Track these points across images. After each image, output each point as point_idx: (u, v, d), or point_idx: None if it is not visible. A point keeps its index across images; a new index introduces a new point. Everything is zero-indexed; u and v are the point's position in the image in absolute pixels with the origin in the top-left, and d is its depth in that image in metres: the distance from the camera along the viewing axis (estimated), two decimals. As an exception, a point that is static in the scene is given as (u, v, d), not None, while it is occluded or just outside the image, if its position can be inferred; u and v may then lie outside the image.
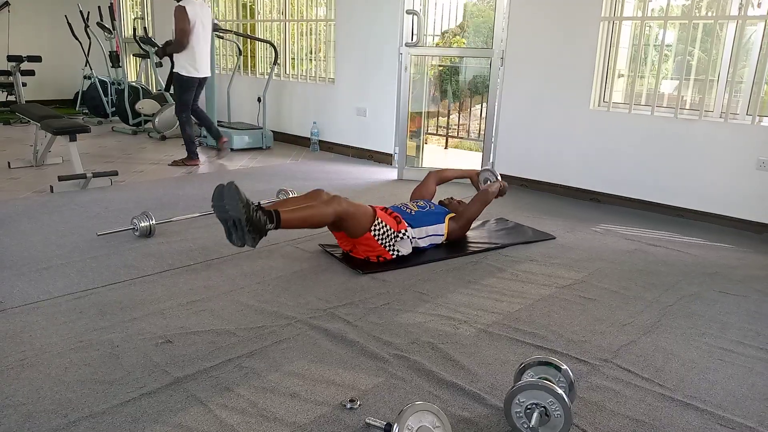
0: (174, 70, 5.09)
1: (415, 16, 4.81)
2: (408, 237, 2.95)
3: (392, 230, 2.88)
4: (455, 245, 3.19)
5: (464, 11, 5.67)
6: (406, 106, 4.98)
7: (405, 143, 5.13)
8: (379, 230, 2.82)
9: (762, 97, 3.69)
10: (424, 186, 3.46)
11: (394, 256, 2.89)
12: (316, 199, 2.78)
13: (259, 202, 2.48)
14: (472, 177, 3.67)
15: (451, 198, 3.44)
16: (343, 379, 1.86)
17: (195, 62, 5.00)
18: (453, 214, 3.22)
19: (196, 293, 2.47)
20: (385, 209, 3.01)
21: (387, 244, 2.85)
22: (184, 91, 5.06)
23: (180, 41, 4.86)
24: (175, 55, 4.99)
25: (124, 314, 2.25)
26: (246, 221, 2.34)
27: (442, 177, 3.56)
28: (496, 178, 3.60)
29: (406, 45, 4.86)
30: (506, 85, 4.70)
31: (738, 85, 3.81)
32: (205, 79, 5.20)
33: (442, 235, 3.12)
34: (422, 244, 3.05)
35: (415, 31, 4.81)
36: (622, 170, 4.21)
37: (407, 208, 3.10)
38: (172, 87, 5.91)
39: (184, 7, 4.84)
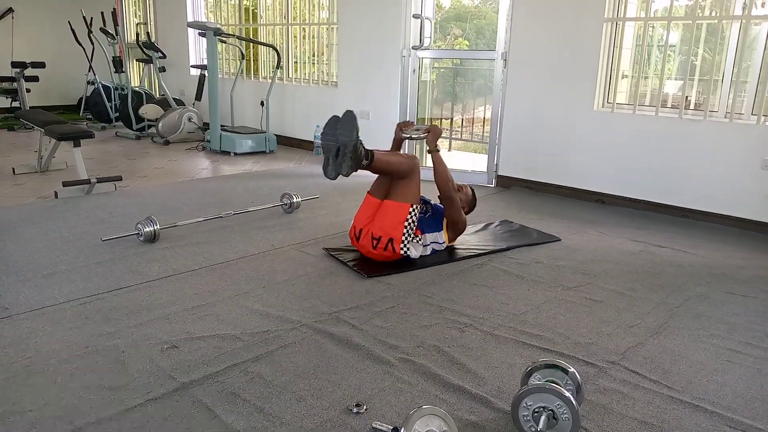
0: None
1: (420, 20, 4.96)
2: (420, 243, 2.98)
3: (415, 226, 2.91)
4: (460, 248, 3.19)
5: (467, 13, 5.68)
6: (415, 107, 5.17)
7: (413, 144, 5.24)
8: (413, 214, 2.87)
9: (767, 96, 3.67)
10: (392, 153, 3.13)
11: (402, 253, 2.88)
12: (398, 151, 3.14)
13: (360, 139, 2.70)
14: (400, 138, 3.23)
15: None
16: (349, 383, 1.85)
17: None
18: (446, 218, 3.14)
19: (201, 298, 2.47)
20: None
21: (406, 234, 2.86)
22: None
23: None
24: None
25: (130, 320, 2.25)
26: (353, 148, 2.61)
27: (387, 151, 3.14)
28: (419, 135, 3.15)
29: (413, 48, 5.04)
30: (510, 87, 4.69)
31: (743, 85, 3.79)
32: None
33: (444, 242, 3.11)
34: (425, 252, 3.05)
35: (426, 35, 5.00)
36: (626, 171, 4.20)
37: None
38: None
39: None
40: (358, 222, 2.98)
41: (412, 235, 2.91)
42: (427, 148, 3.09)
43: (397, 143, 3.27)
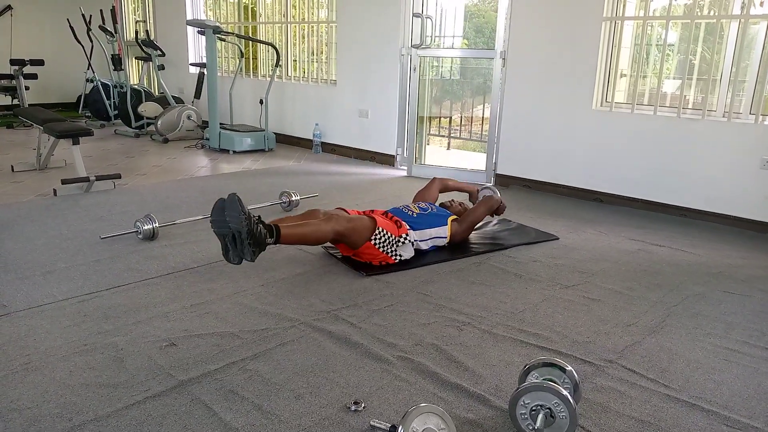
0: None
1: (420, 19, 5.02)
2: (409, 241, 2.94)
3: (393, 236, 2.87)
4: (458, 247, 3.19)
5: (465, 12, 5.68)
6: (415, 105, 5.25)
7: (414, 140, 5.32)
8: (379, 239, 2.81)
9: (765, 96, 3.68)
10: (427, 190, 3.48)
11: (397, 261, 2.88)
12: (314, 218, 2.77)
13: (258, 216, 2.48)
14: (472, 192, 3.65)
15: (452, 200, 3.45)
16: (348, 381, 1.86)
17: None
18: (455, 216, 3.21)
19: (200, 296, 2.47)
20: (385, 213, 3.01)
21: (389, 251, 2.85)
22: None
23: None
24: None
25: (128, 317, 2.25)
26: (247, 234, 2.32)
27: (445, 185, 3.57)
28: (494, 194, 3.57)
29: (413, 47, 5.10)
30: (509, 86, 4.69)
31: (741, 84, 3.80)
32: None
33: (445, 237, 3.12)
34: (424, 246, 3.04)
35: (427, 33, 5.07)
36: (625, 170, 4.20)
37: (408, 209, 3.10)
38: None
39: None
40: (345, 253, 2.96)
41: (395, 243, 2.87)
42: (494, 197, 3.44)
43: (467, 189, 3.65)
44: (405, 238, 2.93)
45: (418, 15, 5.02)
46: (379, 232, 2.81)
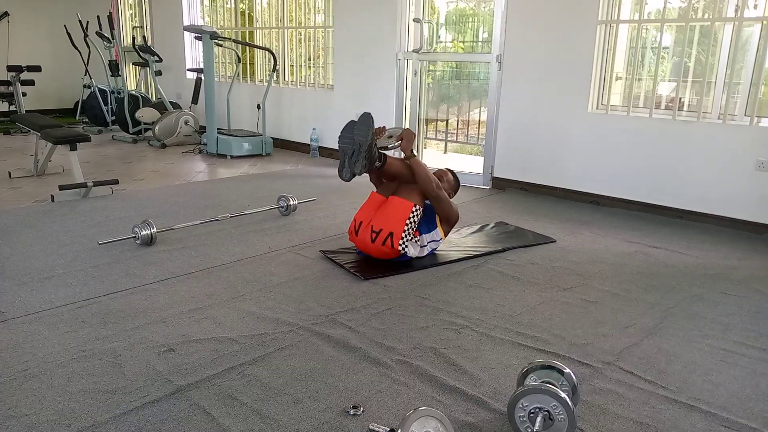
0: None
1: (420, 24, 5.09)
2: (418, 244, 2.99)
3: (414, 228, 2.94)
4: (455, 249, 3.20)
5: (460, 15, 5.71)
6: (417, 109, 5.32)
7: (414, 143, 5.30)
8: (415, 214, 2.90)
9: (760, 98, 3.70)
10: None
11: (400, 249, 2.89)
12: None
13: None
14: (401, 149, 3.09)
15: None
16: (346, 385, 1.86)
17: None
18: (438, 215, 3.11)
19: (198, 301, 2.47)
20: None
21: (406, 232, 2.88)
22: None
23: None
24: None
25: (126, 323, 2.25)
26: (368, 147, 2.74)
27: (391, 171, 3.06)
28: (393, 145, 3.06)
29: (414, 51, 5.17)
30: (505, 89, 4.71)
31: (736, 87, 3.82)
32: None
33: (440, 239, 3.12)
34: (425, 252, 3.06)
35: (425, 37, 5.15)
36: (621, 172, 4.22)
37: None
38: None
39: None
40: (359, 215, 3.00)
41: (412, 235, 2.93)
42: (403, 155, 2.99)
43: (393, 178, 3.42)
44: (417, 239, 2.99)
45: (418, 20, 5.07)
46: (419, 210, 2.92)
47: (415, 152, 3.01)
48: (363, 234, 2.93)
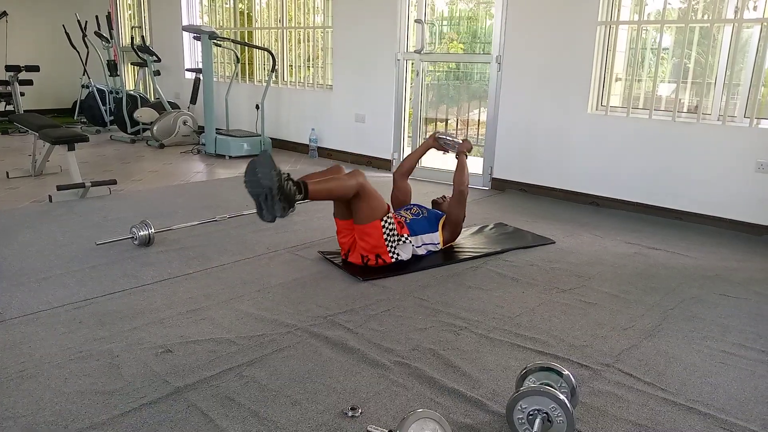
0: None
1: (421, 25, 5.09)
2: (409, 242, 2.96)
3: (396, 232, 2.90)
4: (455, 250, 3.19)
5: (460, 15, 5.72)
6: (418, 109, 5.32)
7: (417, 143, 5.34)
8: (388, 224, 2.84)
9: (759, 99, 3.70)
10: (396, 189, 3.38)
11: (393, 260, 2.88)
12: (337, 173, 2.87)
13: (288, 173, 2.54)
14: (431, 146, 3.44)
15: (444, 197, 3.38)
16: (344, 386, 1.85)
17: None
18: (444, 219, 3.18)
19: (196, 302, 2.47)
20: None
21: (389, 243, 2.86)
22: None
23: None
24: None
25: (124, 324, 2.24)
26: (278, 190, 2.43)
27: (404, 170, 3.41)
28: (453, 141, 3.35)
29: (416, 52, 5.19)
30: (504, 90, 4.70)
31: (735, 88, 3.81)
32: None
33: (438, 243, 3.12)
34: (419, 252, 3.05)
35: (427, 39, 5.17)
36: (620, 174, 4.22)
37: (401, 216, 3.10)
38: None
39: None
40: (342, 242, 2.95)
41: (396, 239, 2.90)
42: (456, 153, 3.29)
43: (425, 149, 3.46)
44: (406, 238, 2.95)
45: (420, 21, 5.08)
46: (389, 218, 2.86)
47: (467, 154, 3.30)
48: (354, 260, 2.91)
